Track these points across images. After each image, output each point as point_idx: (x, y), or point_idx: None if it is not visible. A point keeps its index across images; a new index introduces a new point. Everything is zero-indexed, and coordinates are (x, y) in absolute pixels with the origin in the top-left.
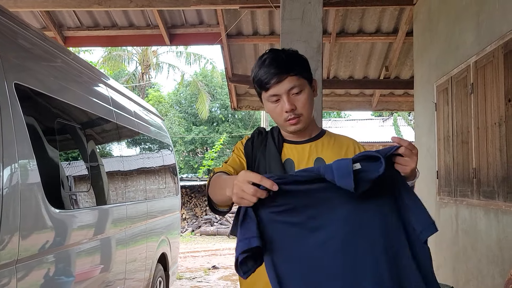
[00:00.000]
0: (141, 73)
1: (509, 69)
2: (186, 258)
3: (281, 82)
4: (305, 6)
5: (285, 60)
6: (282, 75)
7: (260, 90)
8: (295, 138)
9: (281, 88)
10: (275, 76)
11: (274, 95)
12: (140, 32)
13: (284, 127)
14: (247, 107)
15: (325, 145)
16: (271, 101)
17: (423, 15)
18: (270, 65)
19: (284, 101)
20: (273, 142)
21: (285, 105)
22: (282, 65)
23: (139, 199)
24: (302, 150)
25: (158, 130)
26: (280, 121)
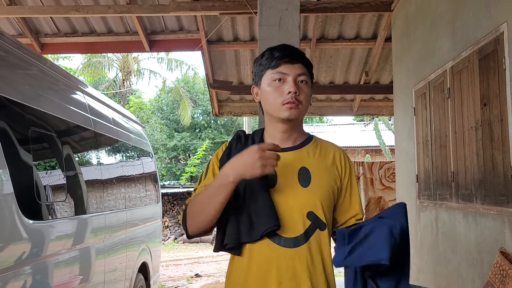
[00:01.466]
0: (122, 80)
1: (484, 74)
2: (169, 267)
3: (293, 64)
4: (282, 12)
5: (299, 51)
6: (296, 59)
7: (266, 69)
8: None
9: (292, 69)
10: (288, 56)
11: (282, 73)
12: (119, 38)
13: (279, 111)
14: (228, 113)
15: (311, 154)
16: (275, 79)
17: (400, 22)
18: (285, 48)
19: (290, 82)
20: None
21: (291, 86)
22: (296, 51)
23: (118, 208)
24: (285, 159)
25: (138, 137)
26: (277, 104)
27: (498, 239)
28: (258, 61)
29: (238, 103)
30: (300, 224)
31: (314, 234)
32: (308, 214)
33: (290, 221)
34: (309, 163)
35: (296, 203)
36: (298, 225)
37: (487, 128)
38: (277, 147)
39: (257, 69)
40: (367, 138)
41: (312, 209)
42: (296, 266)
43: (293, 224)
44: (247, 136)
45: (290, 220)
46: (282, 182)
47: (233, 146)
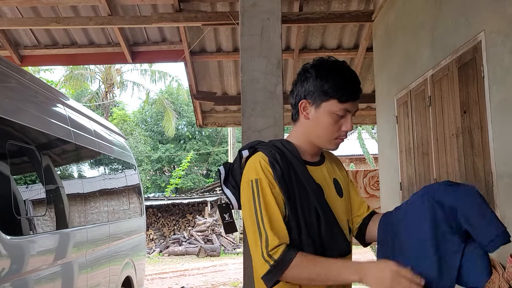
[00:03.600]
0: (105, 92)
1: (464, 82)
2: (154, 280)
3: (356, 100)
4: (263, 22)
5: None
6: (359, 96)
7: (333, 97)
8: (311, 159)
9: (354, 107)
10: (358, 92)
11: (347, 110)
12: (101, 50)
13: (328, 143)
14: (213, 123)
15: (332, 166)
16: (337, 114)
17: (381, 32)
18: (354, 82)
19: (348, 120)
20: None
21: (349, 125)
22: (360, 87)
23: (101, 222)
24: (322, 172)
25: (121, 150)
26: (328, 137)
27: None
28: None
29: (222, 114)
30: (347, 233)
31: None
32: (348, 222)
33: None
34: (336, 175)
35: (342, 214)
36: (347, 233)
37: (468, 135)
38: (417, 282)
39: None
40: (351, 147)
41: (348, 217)
42: None
43: (346, 234)
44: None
45: (344, 231)
46: (328, 194)
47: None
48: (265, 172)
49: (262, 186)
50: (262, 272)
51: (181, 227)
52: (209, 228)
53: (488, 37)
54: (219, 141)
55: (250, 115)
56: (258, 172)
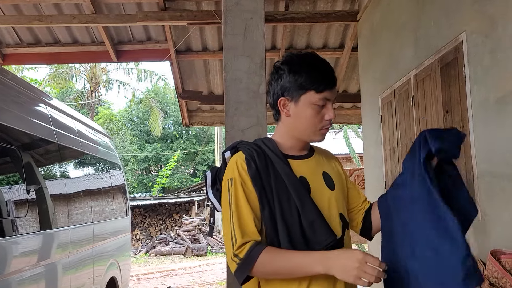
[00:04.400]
0: (90, 91)
1: (446, 81)
2: (140, 281)
3: (334, 88)
4: (246, 22)
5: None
6: (335, 82)
7: (309, 89)
8: (298, 153)
9: (333, 95)
10: (333, 79)
11: (326, 98)
12: (85, 49)
13: (313, 135)
14: (199, 123)
15: (322, 159)
16: (317, 105)
17: (366, 31)
18: (327, 70)
19: (330, 108)
20: (279, 160)
21: (331, 112)
22: (334, 74)
23: (84, 222)
24: (310, 165)
25: (106, 149)
26: (312, 128)
27: None
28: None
29: (208, 113)
30: (338, 227)
31: (345, 234)
32: (340, 216)
33: (332, 225)
34: (326, 168)
35: (331, 207)
36: (338, 227)
37: None
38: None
39: (292, 83)
40: (337, 146)
41: (341, 211)
42: None
43: (335, 228)
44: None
45: (332, 224)
46: (315, 187)
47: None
48: (239, 170)
49: (235, 185)
50: (232, 269)
51: (168, 227)
52: (196, 228)
53: (469, 37)
54: (206, 140)
55: (234, 114)
56: (234, 171)
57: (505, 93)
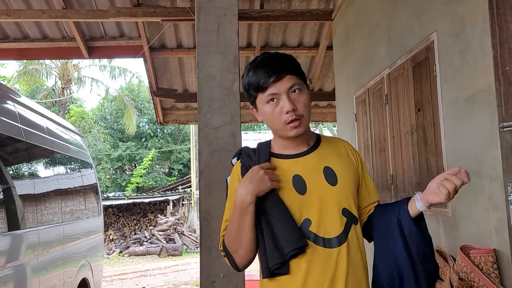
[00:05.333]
0: (62, 88)
1: (418, 80)
2: (113, 282)
3: (280, 80)
4: (220, 18)
5: (283, 59)
6: (282, 73)
7: (256, 92)
8: (294, 151)
9: (281, 87)
10: (274, 74)
11: (273, 93)
12: (55, 44)
13: (284, 131)
14: (174, 121)
15: (327, 153)
16: (269, 103)
17: (340, 30)
18: (268, 64)
19: (284, 100)
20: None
21: (286, 104)
22: (280, 64)
23: (54, 222)
24: (307, 162)
25: (77, 148)
26: (280, 125)
27: (434, 239)
28: (245, 79)
29: (183, 111)
30: (338, 223)
31: (351, 230)
32: (343, 211)
33: (330, 221)
34: (330, 162)
35: (330, 203)
36: (337, 223)
37: (422, 133)
38: (271, 167)
39: (247, 89)
40: None
41: (346, 206)
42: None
43: (333, 224)
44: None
45: (329, 220)
46: (312, 184)
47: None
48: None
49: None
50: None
51: (142, 227)
52: (171, 227)
53: (440, 37)
54: (181, 138)
55: (207, 112)
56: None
57: (474, 92)
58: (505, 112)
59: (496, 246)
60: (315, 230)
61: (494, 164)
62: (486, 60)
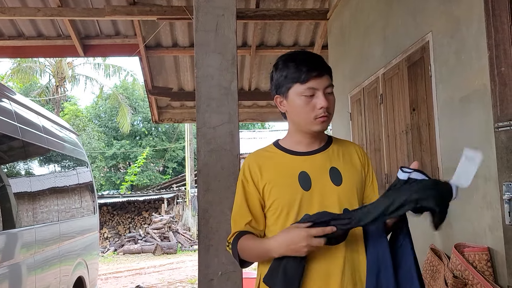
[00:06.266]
0: (56, 86)
1: (413, 80)
2: (108, 280)
3: (321, 77)
4: (218, 18)
5: (322, 60)
6: (323, 71)
7: (294, 82)
8: (305, 148)
9: (321, 83)
10: (317, 70)
11: (311, 88)
12: (50, 42)
13: (311, 125)
14: (169, 120)
15: (336, 154)
16: (305, 95)
17: (336, 30)
18: (310, 60)
19: (320, 96)
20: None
21: (322, 101)
22: (321, 63)
23: (50, 221)
24: (314, 161)
25: (72, 146)
26: (309, 118)
27: (429, 237)
28: (281, 70)
29: (178, 110)
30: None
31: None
32: (344, 211)
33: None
34: (337, 163)
35: (332, 202)
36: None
37: (416, 132)
38: (328, 231)
39: (281, 79)
40: None
41: (347, 206)
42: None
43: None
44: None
45: None
46: (317, 182)
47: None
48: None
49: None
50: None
51: (136, 225)
52: (166, 226)
53: (435, 37)
54: (176, 137)
55: (205, 111)
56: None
57: (468, 92)
58: (500, 112)
59: (490, 245)
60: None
61: (488, 163)
62: (481, 60)
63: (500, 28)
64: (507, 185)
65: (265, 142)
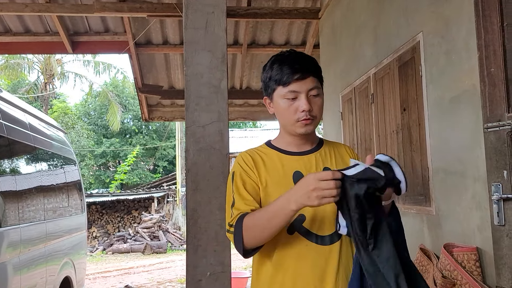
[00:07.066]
0: (44, 83)
1: (403, 80)
2: (96, 279)
3: (303, 79)
4: (208, 16)
5: (309, 60)
6: (306, 74)
7: (277, 85)
8: (297, 149)
9: (303, 86)
10: (299, 72)
11: (293, 91)
12: (38, 39)
13: (294, 127)
14: (159, 118)
15: (328, 155)
16: (287, 98)
17: (327, 29)
18: (294, 61)
19: (302, 99)
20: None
21: (303, 104)
22: (306, 64)
23: (37, 220)
24: (308, 161)
25: (60, 144)
26: (291, 121)
27: (418, 237)
28: (267, 71)
29: (169, 108)
30: (332, 222)
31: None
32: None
33: (324, 219)
34: (330, 163)
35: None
36: (331, 222)
37: (407, 132)
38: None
39: (266, 80)
40: None
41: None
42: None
43: (327, 222)
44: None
45: (324, 218)
46: None
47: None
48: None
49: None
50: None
51: (126, 224)
52: (156, 225)
53: (426, 37)
54: (166, 135)
55: (194, 109)
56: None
57: (458, 92)
58: (490, 113)
59: (479, 245)
60: (308, 226)
61: (477, 164)
62: (471, 61)
63: (489, 29)
64: (496, 185)
65: (257, 141)
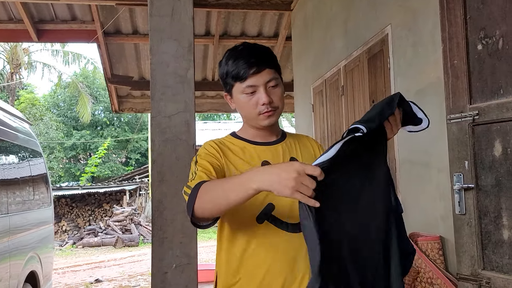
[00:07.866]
0: (10, 73)
1: (373, 72)
2: (66, 274)
3: (259, 73)
4: (174, 3)
5: (263, 52)
6: (261, 67)
7: (234, 81)
8: (264, 140)
9: (260, 79)
10: (254, 66)
11: (251, 86)
12: (1, 26)
13: (257, 120)
14: (129, 109)
15: (292, 145)
16: (246, 93)
17: (299, 21)
18: (249, 55)
19: (261, 92)
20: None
21: (263, 97)
22: (261, 56)
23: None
24: (275, 151)
25: (25, 136)
26: (253, 114)
27: None
28: (223, 67)
29: (139, 99)
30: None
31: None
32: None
33: (293, 207)
34: (295, 154)
35: None
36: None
37: None
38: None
39: (224, 77)
40: None
41: None
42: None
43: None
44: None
45: (292, 206)
46: None
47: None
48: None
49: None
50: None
51: (97, 218)
52: (128, 218)
53: (394, 30)
54: (139, 127)
55: (160, 99)
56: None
57: (424, 85)
58: (452, 105)
59: (442, 233)
60: (278, 215)
61: (441, 155)
62: (437, 53)
63: (453, 22)
64: (457, 175)
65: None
